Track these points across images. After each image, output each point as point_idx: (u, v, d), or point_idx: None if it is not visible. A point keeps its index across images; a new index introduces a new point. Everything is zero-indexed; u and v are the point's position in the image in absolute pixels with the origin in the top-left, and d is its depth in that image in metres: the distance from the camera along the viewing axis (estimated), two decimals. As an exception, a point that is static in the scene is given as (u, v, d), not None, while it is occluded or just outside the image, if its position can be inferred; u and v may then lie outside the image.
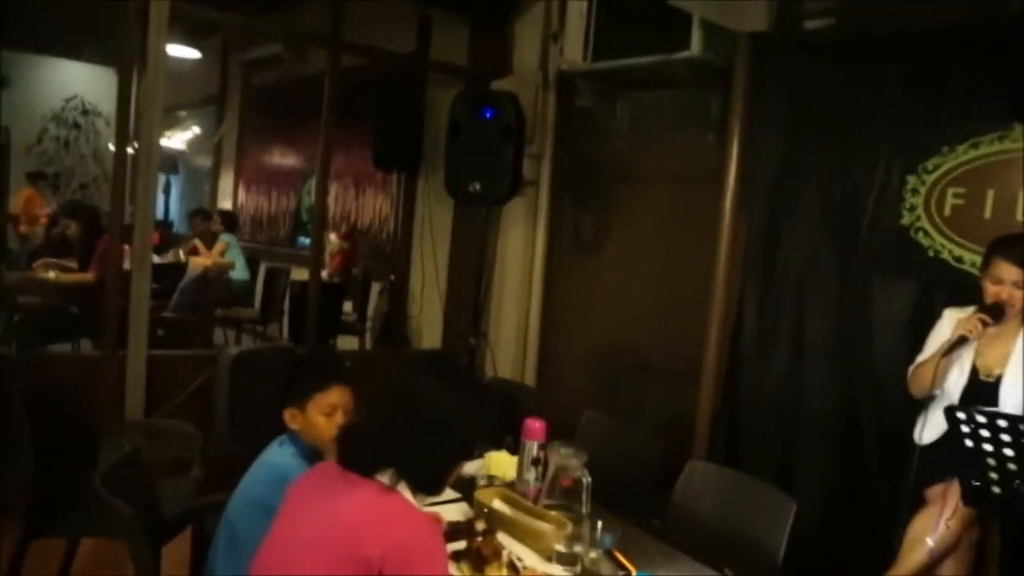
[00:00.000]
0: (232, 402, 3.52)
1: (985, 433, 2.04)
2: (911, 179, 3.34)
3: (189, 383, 3.87)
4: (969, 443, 2.09)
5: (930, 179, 3.29)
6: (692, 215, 4.13)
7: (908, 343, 3.34)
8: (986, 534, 2.68)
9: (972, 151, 3.19)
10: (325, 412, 2.02)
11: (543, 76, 4.65)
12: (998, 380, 2.66)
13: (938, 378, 2.67)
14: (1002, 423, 2.00)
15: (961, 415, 2.07)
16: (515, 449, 2.39)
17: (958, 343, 2.62)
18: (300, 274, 5.87)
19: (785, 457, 3.64)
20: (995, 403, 2.65)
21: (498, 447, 2.52)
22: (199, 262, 6.50)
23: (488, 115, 4.37)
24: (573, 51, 4.13)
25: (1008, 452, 2.01)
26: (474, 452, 2.10)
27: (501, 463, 2.41)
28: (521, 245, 4.85)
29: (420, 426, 1.52)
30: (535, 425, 2.10)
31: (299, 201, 7.87)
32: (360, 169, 6.61)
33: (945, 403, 2.74)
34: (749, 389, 3.80)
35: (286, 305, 6.49)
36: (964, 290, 3.15)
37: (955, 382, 2.72)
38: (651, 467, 2.88)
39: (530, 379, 4.72)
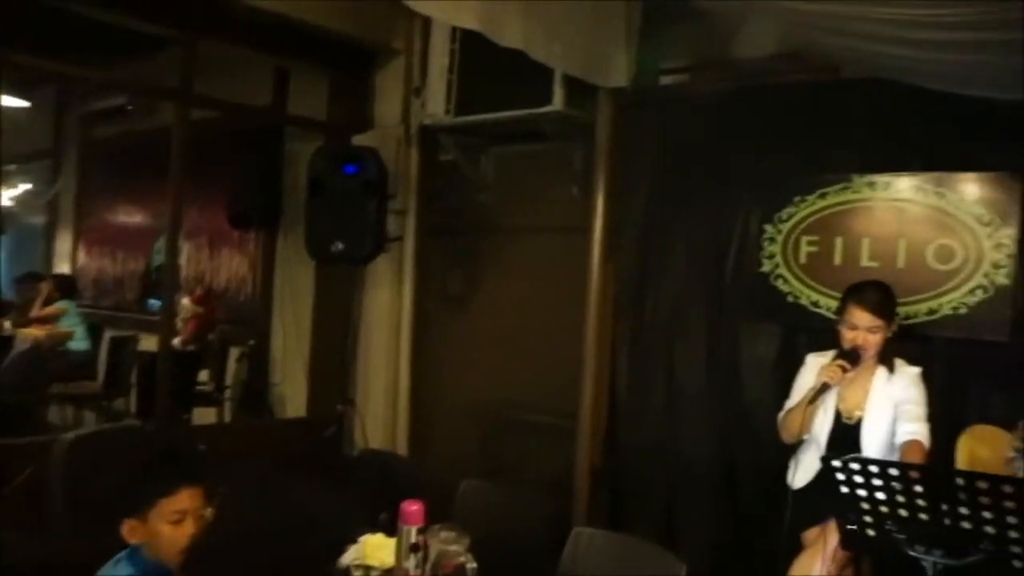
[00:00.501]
0: (70, 497, 3.11)
1: (859, 479, 2.06)
2: (769, 228, 3.47)
3: (15, 477, 3.42)
4: (845, 489, 2.11)
5: (785, 228, 3.43)
6: (561, 266, 4.13)
7: (775, 387, 3.43)
8: (859, 573, 2.73)
9: (820, 201, 3.35)
10: (172, 520, 1.71)
11: (405, 130, 4.57)
12: (859, 422, 2.75)
13: (806, 424, 2.72)
14: (873, 469, 2.03)
15: (837, 463, 2.09)
16: (392, 528, 2.22)
17: (822, 390, 2.69)
18: (150, 342, 5.43)
19: (668, 509, 3.63)
20: (858, 443, 2.73)
21: (373, 528, 2.33)
22: (29, 333, 5.89)
23: (350, 171, 4.22)
24: (435, 105, 4.08)
25: (880, 496, 2.04)
26: (343, 552, 1.91)
27: (379, 548, 2.22)
28: (387, 304, 4.68)
29: (282, 532, 1.34)
30: (412, 508, 1.93)
31: (148, 262, 7.34)
32: (215, 227, 6.22)
33: (813, 447, 2.81)
34: (627, 441, 3.79)
35: (134, 377, 5.96)
36: (823, 334, 3.27)
37: (821, 426, 2.79)
38: (537, 533, 2.76)
39: (402, 445, 4.51)
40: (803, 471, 2.78)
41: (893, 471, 2.00)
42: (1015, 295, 2.98)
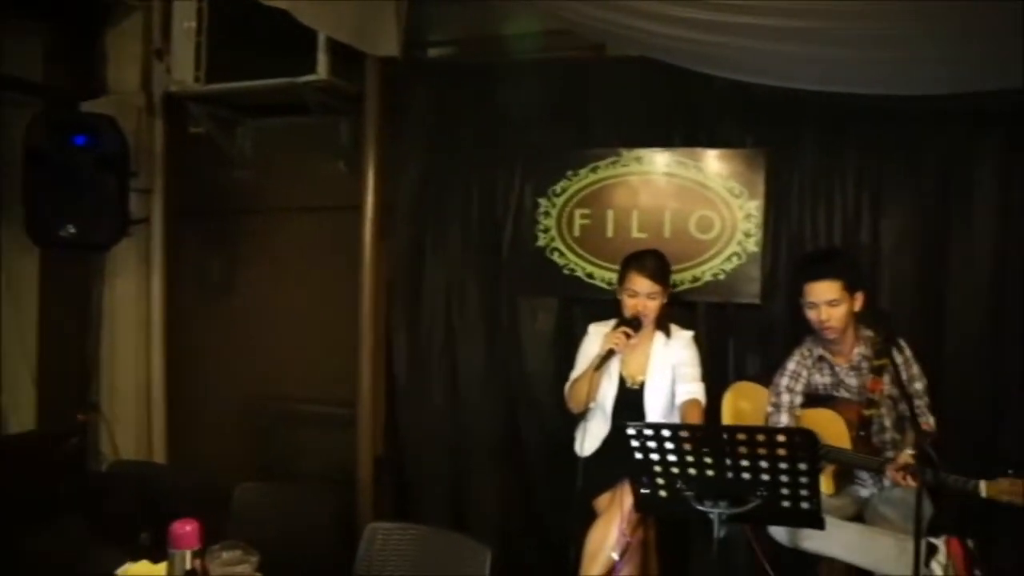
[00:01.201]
0: None
1: (652, 444, 2.12)
2: (543, 202, 3.50)
3: None
4: (639, 455, 2.15)
5: (559, 202, 3.48)
6: (331, 247, 3.90)
7: (556, 359, 3.50)
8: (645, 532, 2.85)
9: (592, 175, 3.44)
10: None
11: (147, 98, 4.03)
12: (642, 386, 2.86)
13: (593, 391, 2.78)
14: (666, 433, 2.09)
15: (631, 430, 2.13)
16: (157, 552, 1.91)
17: (607, 357, 2.75)
18: None
19: (456, 491, 3.57)
20: (642, 408, 2.85)
21: (135, 555, 2.00)
22: None
23: (80, 142, 3.61)
24: (182, 71, 3.62)
25: (671, 458, 2.11)
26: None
27: (143, 577, 1.90)
28: (135, 294, 4.14)
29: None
30: (184, 530, 1.65)
31: None
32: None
33: (599, 414, 2.88)
34: (409, 425, 3.66)
35: None
36: (599, 304, 3.38)
37: (606, 393, 2.87)
38: (325, 531, 2.56)
39: (160, 453, 4.02)
40: (591, 439, 2.84)
41: (683, 433, 2.07)
42: (763, 261, 3.26)
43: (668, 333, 2.90)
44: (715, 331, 3.32)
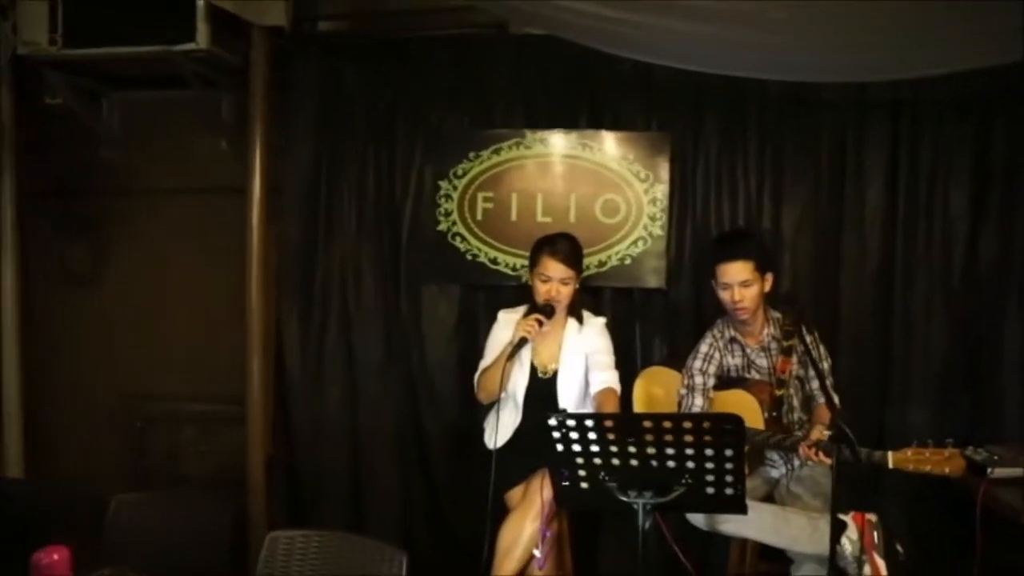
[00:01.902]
0: None
1: (574, 435, 2.03)
2: (444, 185, 3.35)
3: None
4: (560, 447, 2.06)
5: (461, 184, 3.34)
6: (214, 232, 3.61)
7: (459, 349, 3.37)
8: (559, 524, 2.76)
9: (495, 156, 3.32)
10: None
11: (-10, 63, 3.57)
12: (555, 375, 2.77)
13: (505, 380, 2.66)
14: (589, 423, 2.01)
15: (553, 421, 2.03)
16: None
17: (519, 345, 2.65)
18: None
19: (355, 490, 3.38)
20: (555, 397, 2.76)
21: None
22: None
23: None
24: (34, 31, 3.20)
25: (595, 449, 2.03)
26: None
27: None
28: (-20, 285, 3.68)
29: None
30: (52, 559, 1.41)
31: None
32: None
33: (510, 404, 2.78)
34: (303, 422, 3.44)
35: None
36: (504, 291, 3.27)
37: (518, 382, 2.76)
38: (215, 541, 2.33)
39: (16, 466, 3.56)
40: (502, 431, 2.73)
41: (607, 422, 1.99)
42: (668, 246, 3.24)
43: (581, 320, 2.83)
44: (622, 317, 3.28)
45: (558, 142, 3.27)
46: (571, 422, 2.02)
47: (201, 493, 3.07)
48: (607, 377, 2.74)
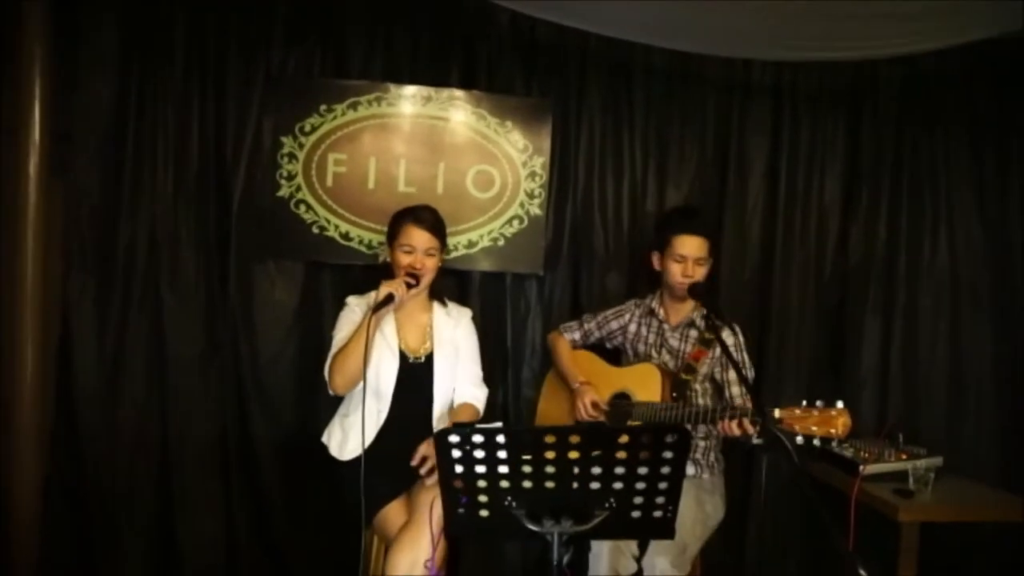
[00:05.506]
0: None
1: (479, 454, 1.62)
2: (287, 142, 2.79)
3: None
4: (459, 467, 1.64)
5: (309, 142, 2.79)
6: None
7: (298, 339, 2.85)
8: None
9: (351, 112, 2.81)
10: None
11: None
12: (428, 359, 2.37)
13: (369, 355, 2.18)
14: (501, 439, 1.60)
15: (453, 438, 1.61)
16: None
17: (385, 302, 2.21)
18: None
19: (163, 514, 2.74)
20: (431, 382, 2.38)
21: None
22: None
23: None
24: None
25: (503, 469, 1.63)
26: None
27: None
28: None
29: None
30: None
31: None
32: None
33: (372, 399, 2.29)
34: (94, 433, 2.72)
35: None
36: (355, 272, 2.79)
37: (384, 370, 2.31)
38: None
39: None
40: (356, 435, 2.23)
41: (525, 437, 1.60)
42: (547, 227, 2.90)
43: (444, 303, 2.48)
44: (491, 304, 2.90)
45: (428, 100, 2.82)
46: (477, 437, 1.61)
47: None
48: (478, 395, 2.46)
